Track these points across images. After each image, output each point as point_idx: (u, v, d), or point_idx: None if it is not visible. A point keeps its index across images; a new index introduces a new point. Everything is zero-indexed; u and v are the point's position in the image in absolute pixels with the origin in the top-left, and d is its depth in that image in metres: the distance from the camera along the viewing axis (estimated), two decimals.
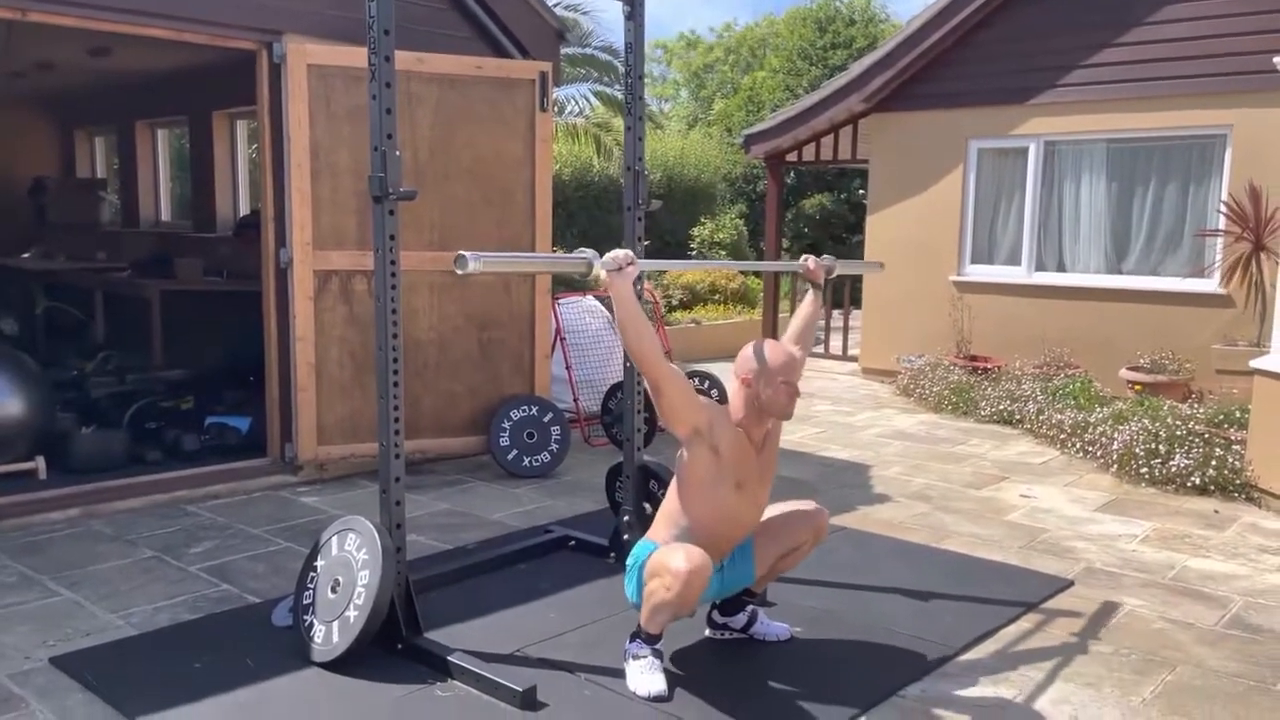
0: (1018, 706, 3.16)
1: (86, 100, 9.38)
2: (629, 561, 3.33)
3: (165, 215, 9.56)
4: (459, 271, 2.87)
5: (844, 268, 4.14)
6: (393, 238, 3.34)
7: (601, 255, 3.17)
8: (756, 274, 13.49)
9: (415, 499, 5.27)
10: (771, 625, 3.61)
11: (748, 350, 3.31)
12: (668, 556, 3.10)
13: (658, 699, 3.11)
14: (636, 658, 3.22)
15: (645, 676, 3.16)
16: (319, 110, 5.35)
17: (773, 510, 3.51)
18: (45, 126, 10.14)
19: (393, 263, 3.35)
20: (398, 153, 3.29)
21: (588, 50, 15.42)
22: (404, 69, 5.32)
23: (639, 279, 4.18)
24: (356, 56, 5.18)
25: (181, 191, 9.88)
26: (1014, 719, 3.08)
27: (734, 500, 3.27)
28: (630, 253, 3.21)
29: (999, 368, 8.34)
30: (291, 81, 5.27)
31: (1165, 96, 7.81)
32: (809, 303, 3.87)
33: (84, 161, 10.38)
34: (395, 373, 3.39)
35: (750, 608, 3.59)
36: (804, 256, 3.92)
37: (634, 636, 3.25)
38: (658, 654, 3.23)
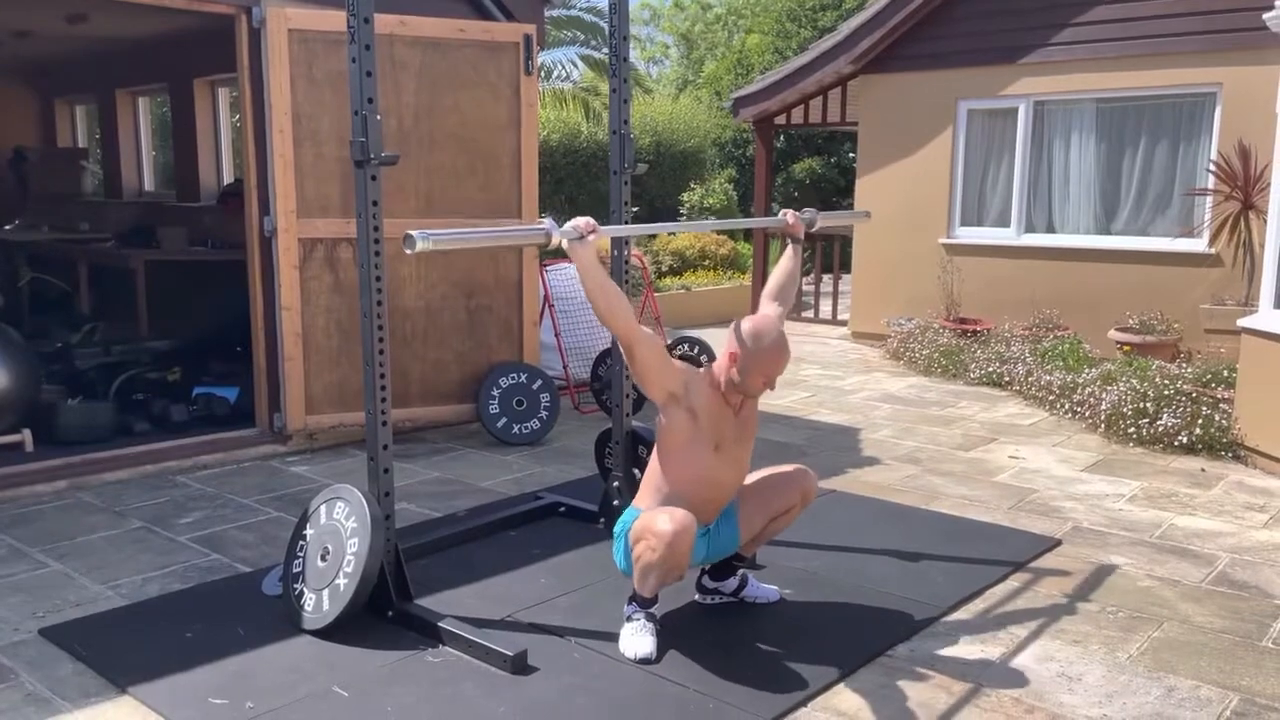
0: (1004, 664, 3.19)
1: (66, 69, 9.24)
2: (616, 529, 3.34)
3: (148, 185, 9.45)
4: (408, 251, 2.73)
5: (828, 219, 4.10)
6: (375, 203, 3.31)
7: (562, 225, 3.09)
8: (747, 239, 13.45)
9: (406, 467, 5.27)
10: (761, 588, 3.63)
11: (750, 329, 3.20)
12: (652, 519, 3.11)
13: (644, 660, 3.13)
14: (630, 620, 3.24)
15: (635, 639, 3.18)
16: (300, 76, 5.28)
17: (760, 474, 3.51)
18: (24, 96, 9.99)
19: (376, 229, 3.32)
20: (379, 117, 3.25)
21: (573, 12, 15.28)
22: (386, 32, 5.27)
23: (625, 246, 4.17)
24: (337, 21, 5.10)
25: (164, 160, 9.77)
26: (1000, 676, 3.11)
27: (714, 462, 3.27)
28: (591, 220, 3.14)
29: (988, 330, 8.35)
30: (272, 47, 5.19)
31: (1155, 55, 7.76)
32: (788, 257, 3.81)
33: (65, 131, 10.24)
34: (381, 340, 3.37)
35: (741, 572, 3.60)
36: (783, 211, 3.88)
37: (630, 600, 3.27)
38: (650, 617, 3.24)
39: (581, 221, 3.12)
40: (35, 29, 7.53)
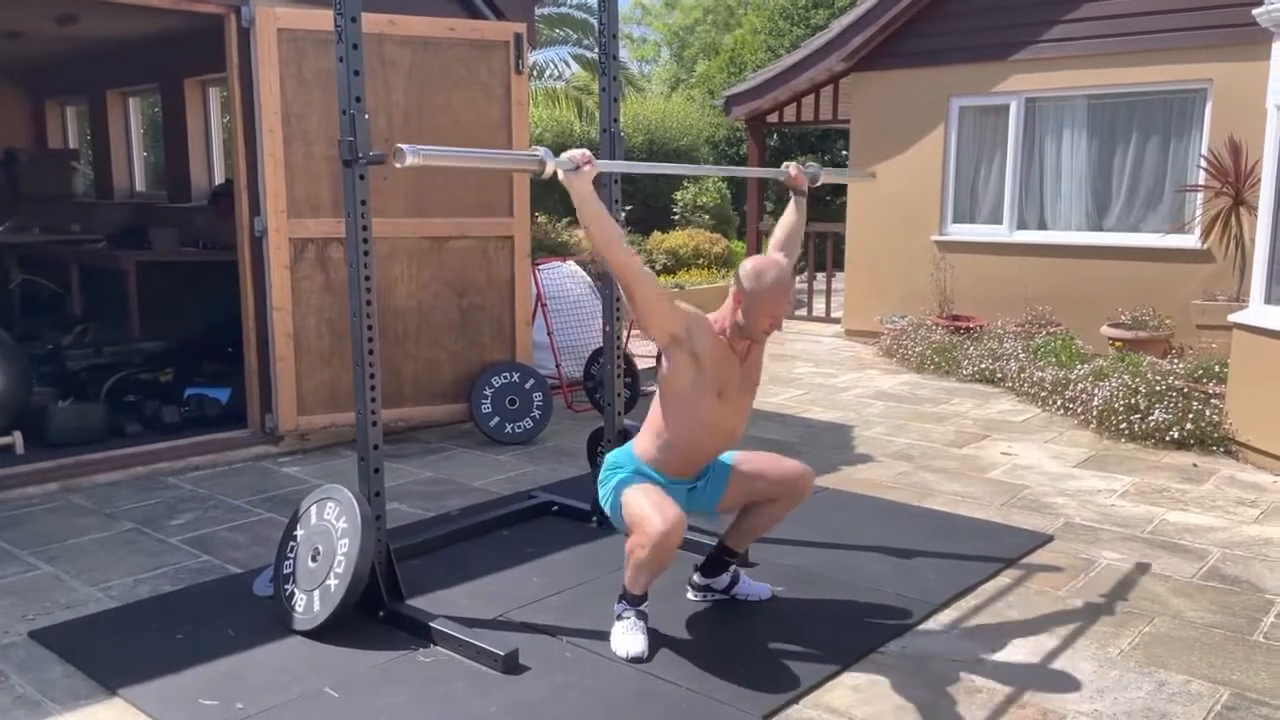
0: (995, 660, 3.19)
1: (56, 70, 9.20)
2: (607, 461, 3.34)
3: (139, 185, 9.42)
4: (397, 165, 2.75)
5: (831, 176, 4.13)
6: (364, 203, 3.30)
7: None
8: (740, 238, 13.46)
9: (398, 467, 5.26)
10: (753, 585, 3.62)
11: (752, 267, 3.21)
12: (645, 517, 3.08)
13: (635, 659, 3.13)
14: (620, 618, 3.23)
15: (626, 637, 3.18)
16: (290, 75, 5.27)
17: (764, 458, 3.50)
18: (15, 97, 9.96)
19: (365, 228, 3.31)
20: (366, 116, 3.24)
21: (563, 9, 15.25)
22: (375, 31, 5.26)
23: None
24: (326, 20, 5.07)
25: (156, 161, 9.74)
26: (992, 672, 3.11)
27: (716, 409, 3.24)
28: (587, 152, 3.12)
29: (981, 327, 8.36)
30: (261, 46, 5.18)
31: (1146, 51, 7.77)
32: (791, 211, 3.83)
33: (56, 132, 10.20)
34: (370, 340, 3.36)
35: (733, 569, 3.60)
36: (786, 164, 3.90)
37: (620, 598, 3.26)
38: (641, 615, 3.24)
39: (577, 153, 3.11)
40: (26, 30, 7.50)
